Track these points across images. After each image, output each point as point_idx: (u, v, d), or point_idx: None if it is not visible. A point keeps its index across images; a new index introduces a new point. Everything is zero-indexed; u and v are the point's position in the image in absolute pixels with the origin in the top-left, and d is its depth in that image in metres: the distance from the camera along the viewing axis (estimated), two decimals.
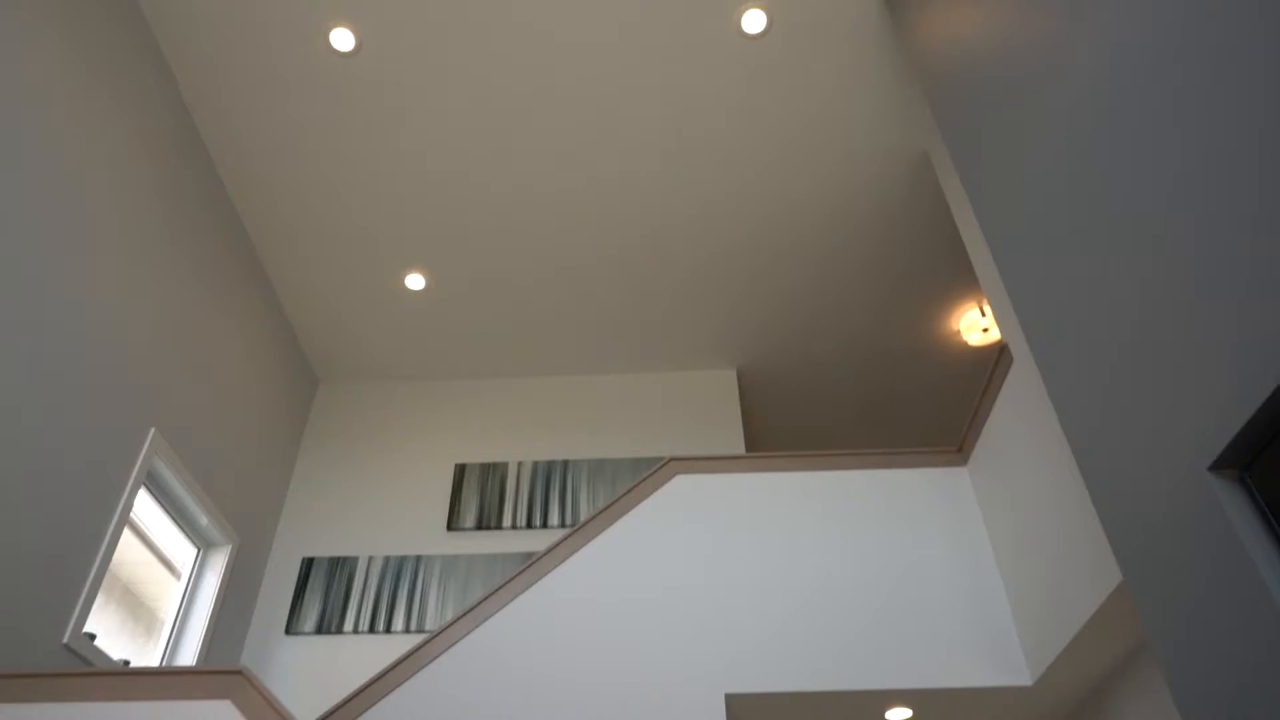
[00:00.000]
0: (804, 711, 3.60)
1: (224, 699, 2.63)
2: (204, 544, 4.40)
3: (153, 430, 3.85)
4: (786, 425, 6.28)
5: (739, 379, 5.77)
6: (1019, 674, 3.41)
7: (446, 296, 5.23)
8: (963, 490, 3.95)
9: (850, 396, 6.08)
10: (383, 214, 4.74)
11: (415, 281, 5.13)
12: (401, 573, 4.79)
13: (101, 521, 3.51)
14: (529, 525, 4.99)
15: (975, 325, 5.45)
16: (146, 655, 3.96)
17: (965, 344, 5.66)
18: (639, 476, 4.81)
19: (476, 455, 5.37)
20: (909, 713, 3.62)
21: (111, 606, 3.79)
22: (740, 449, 5.23)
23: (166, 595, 4.19)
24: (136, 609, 3.97)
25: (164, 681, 2.65)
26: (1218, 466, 1.66)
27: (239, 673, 2.68)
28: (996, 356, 3.57)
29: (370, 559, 4.86)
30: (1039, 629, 3.27)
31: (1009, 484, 3.53)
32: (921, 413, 6.25)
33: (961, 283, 5.27)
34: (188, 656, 4.03)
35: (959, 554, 3.76)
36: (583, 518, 3.94)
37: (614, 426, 5.49)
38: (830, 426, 6.31)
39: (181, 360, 4.12)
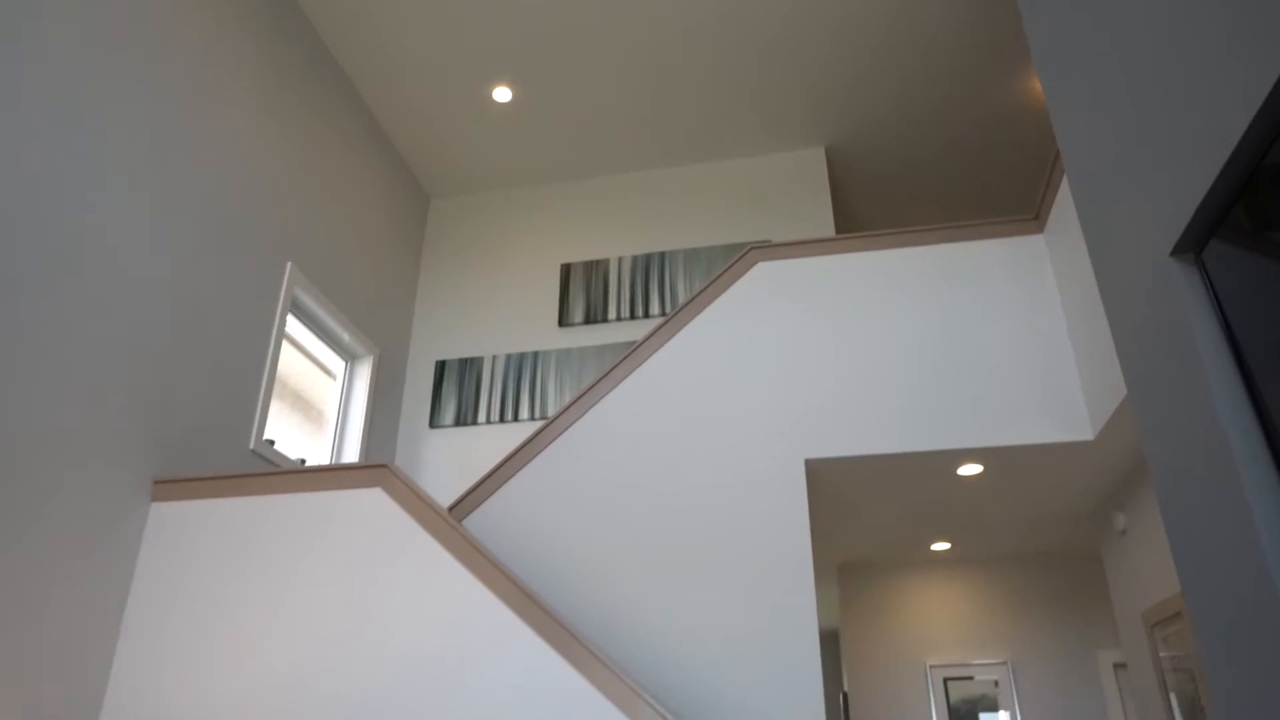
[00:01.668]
0: (881, 472, 3.98)
1: (375, 487, 3.23)
2: (350, 356, 5.06)
3: (289, 264, 4.38)
4: (878, 203, 6.27)
5: (828, 158, 5.77)
6: (1081, 430, 3.63)
7: (533, 104, 5.39)
8: (1037, 257, 4.01)
9: (942, 168, 5.96)
10: (461, 30, 4.87)
11: (502, 94, 5.31)
12: (522, 367, 5.35)
13: (263, 348, 4.13)
14: (632, 316, 5.39)
15: None
16: (319, 452, 4.72)
17: None
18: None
19: (580, 254, 5.72)
20: (979, 468, 3.95)
21: (287, 413, 4.51)
22: (830, 229, 5.35)
23: (330, 399, 4.91)
24: (308, 411, 4.69)
25: (328, 476, 3.27)
26: (1178, 251, 1.78)
27: (385, 466, 3.25)
28: None
29: (494, 357, 5.44)
30: (1101, 387, 3.45)
31: (1080, 248, 3.59)
32: (1017, 180, 6.08)
33: None
34: (352, 453, 4.79)
35: (1031, 319, 3.89)
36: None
37: (707, 215, 5.69)
38: (922, 201, 6.25)
39: (305, 199, 4.58)
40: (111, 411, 3.21)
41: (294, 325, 4.63)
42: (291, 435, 4.53)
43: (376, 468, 3.24)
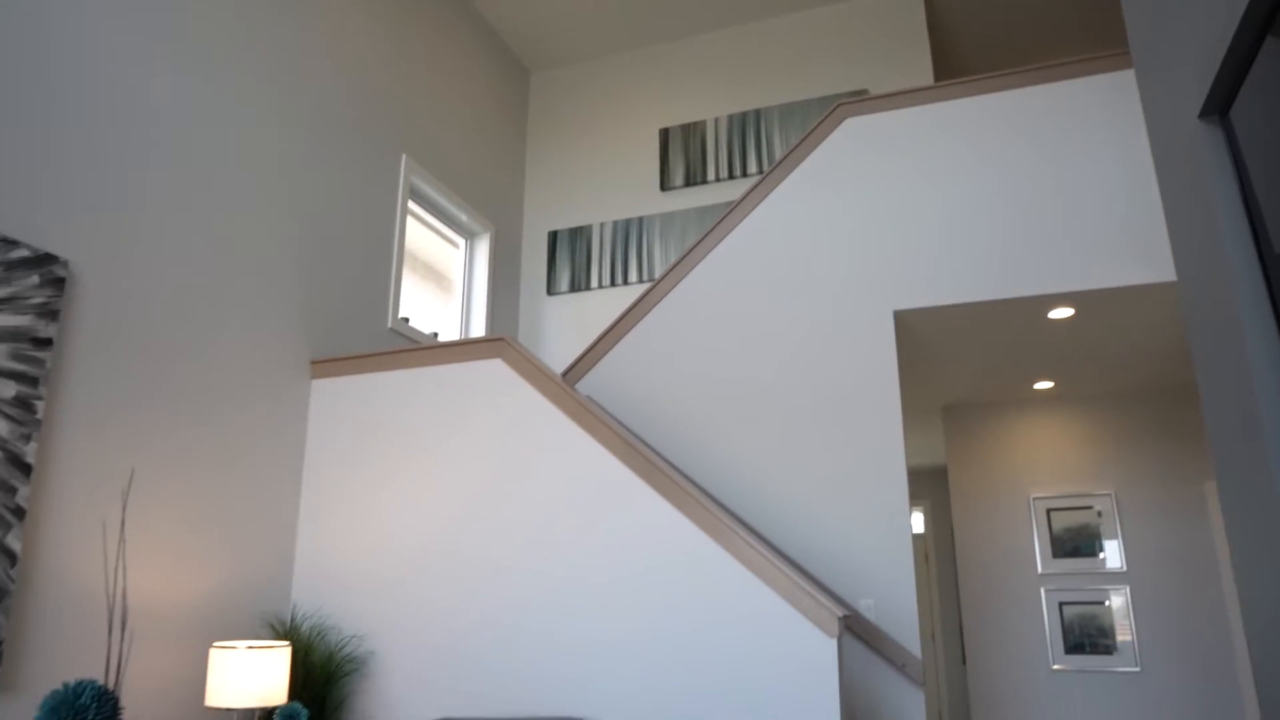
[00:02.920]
0: (969, 319, 4.11)
1: (496, 359, 3.65)
2: (469, 234, 5.46)
3: (404, 156, 4.74)
4: (979, 41, 5.98)
5: None
6: (1171, 270, 3.64)
7: None
8: (1135, 91, 3.90)
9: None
10: None
11: None
12: (629, 233, 5.63)
13: (389, 236, 4.56)
14: (731, 176, 5.52)
15: None
16: (449, 322, 5.22)
17: None
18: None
19: (676, 118, 5.83)
20: (1070, 311, 4.02)
21: (419, 283, 4.99)
22: (928, 72, 5.24)
23: (456, 270, 5.36)
24: (439, 280, 5.16)
25: (455, 350, 3.71)
26: (1205, 114, 1.85)
27: (503, 339, 3.66)
28: None
29: (601, 225, 5.73)
30: None
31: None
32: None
33: None
34: (478, 323, 5.26)
35: (1125, 158, 3.84)
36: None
37: (801, 68, 5.64)
38: (1028, 36, 5.91)
39: (413, 89, 4.88)
40: (274, 305, 3.72)
41: (415, 209, 5.04)
42: (424, 306, 5.02)
43: (495, 341, 3.65)
